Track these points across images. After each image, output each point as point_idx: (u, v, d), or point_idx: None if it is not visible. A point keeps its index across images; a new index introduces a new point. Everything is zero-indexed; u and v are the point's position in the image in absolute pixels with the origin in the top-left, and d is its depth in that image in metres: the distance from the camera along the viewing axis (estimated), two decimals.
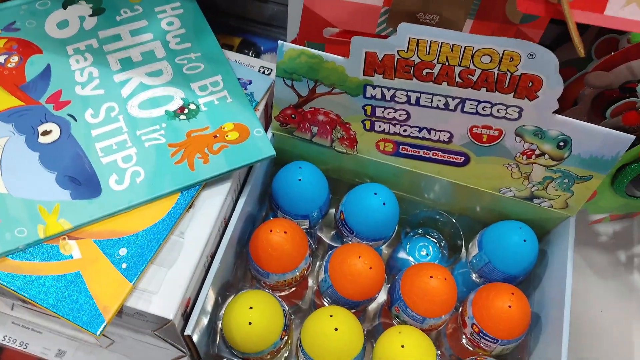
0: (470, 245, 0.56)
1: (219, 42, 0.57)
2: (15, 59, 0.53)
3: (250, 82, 0.55)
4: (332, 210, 0.59)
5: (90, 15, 0.56)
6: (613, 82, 0.55)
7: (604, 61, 0.55)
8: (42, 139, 0.49)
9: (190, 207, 0.48)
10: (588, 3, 0.41)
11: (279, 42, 0.48)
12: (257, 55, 0.73)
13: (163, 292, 0.44)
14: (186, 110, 0.51)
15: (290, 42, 0.56)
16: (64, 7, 0.57)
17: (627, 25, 0.41)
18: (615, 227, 0.69)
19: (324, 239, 0.60)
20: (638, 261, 0.68)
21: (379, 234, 0.54)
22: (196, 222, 0.48)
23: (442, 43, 0.44)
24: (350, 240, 0.55)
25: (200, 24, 0.57)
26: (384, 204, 0.52)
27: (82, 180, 0.47)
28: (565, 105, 0.61)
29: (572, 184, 0.50)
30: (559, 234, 0.54)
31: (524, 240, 0.51)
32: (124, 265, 0.44)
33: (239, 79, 0.54)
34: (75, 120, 0.50)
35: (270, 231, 0.50)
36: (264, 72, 0.57)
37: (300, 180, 0.52)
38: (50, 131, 0.49)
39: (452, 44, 0.44)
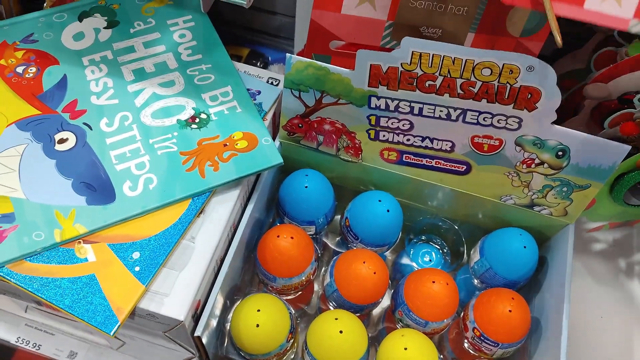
0: (472, 252, 0.58)
1: (228, 53, 0.59)
2: (33, 69, 0.55)
3: (259, 92, 0.57)
4: (338, 217, 0.60)
5: (105, 28, 0.58)
6: (612, 93, 0.57)
7: (603, 73, 0.56)
8: (59, 147, 0.51)
9: (200, 212, 0.50)
10: None
11: (287, 54, 0.50)
12: (265, 65, 0.75)
13: (174, 294, 0.46)
14: (197, 120, 0.53)
15: (297, 54, 0.58)
16: (80, 20, 0.59)
17: (604, 19, 0.41)
18: (616, 235, 0.70)
19: (330, 245, 0.62)
20: (638, 269, 0.69)
21: (383, 240, 0.55)
22: (206, 227, 0.50)
23: (444, 56, 0.46)
24: (355, 246, 0.56)
25: (211, 36, 0.59)
26: (387, 210, 0.53)
27: (97, 187, 0.49)
28: (566, 116, 0.62)
29: (570, 192, 0.52)
30: (558, 241, 0.55)
31: (524, 247, 0.53)
32: (137, 268, 0.46)
33: (248, 90, 0.56)
34: (91, 128, 0.52)
35: (278, 236, 0.51)
36: (272, 83, 0.58)
37: (306, 187, 0.54)
38: (67, 139, 0.51)
39: (454, 57, 0.45)
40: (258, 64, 0.74)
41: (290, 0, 0.68)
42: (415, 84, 0.48)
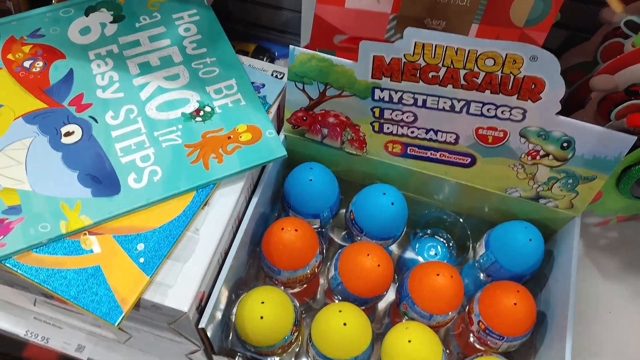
0: (477, 245, 0.57)
1: (235, 48, 0.59)
2: (40, 64, 0.55)
3: (263, 85, 0.57)
4: (343, 211, 0.60)
5: (110, 22, 0.59)
6: (618, 85, 0.56)
7: (609, 65, 0.56)
8: (65, 140, 0.51)
9: (205, 204, 0.50)
10: None
11: (291, 46, 0.50)
12: (272, 60, 0.75)
13: (178, 285, 0.46)
14: (202, 113, 0.53)
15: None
16: (86, 15, 0.60)
17: None
18: (625, 230, 0.70)
19: (335, 239, 0.62)
20: None
21: (388, 233, 0.55)
22: (211, 220, 0.50)
23: (446, 47, 0.46)
24: (359, 239, 0.56)
25: (216, 30, 0.59)
26: (392, 203, 0.53)
27: (102, 179, 0.49)
28: (573, 109, 0.62)
29: (576, 185, 0.51)
30: (564, 234, 0.55)
31: (530, 240, 0.52)
32: (141, 260, 0.46)
33: (252, 83, 0.56)
34: (96, 121, 0.52)
35: (282, 229, 0.51)
36: (276, 76, 0.59)
37: (311, 180, 0.54)
38: (73, 132, 0.51)
39: (457, 48, 0.45)
40: (264, 60, 0.74)
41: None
42: (418, 75, 0.48)
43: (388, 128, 0.53)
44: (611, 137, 0.47)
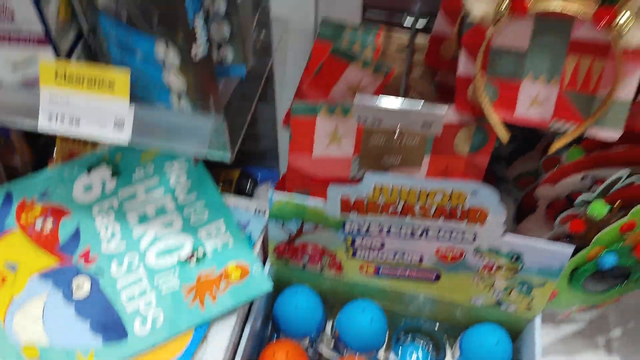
0: (453, 348, 0.63)
1: (220, 176, 0.66)
2: (50, 222, 0.63)
3: (248, 223, 0.64)
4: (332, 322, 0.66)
5: (110, 178, 0.66)
6: (559, 194, 0.64)
7: (550, 176, 0.64)
8: (76, 294, 0.58)
9: (204, 339, 0.56)
10: (503, 105, 0.54)
11: (270, 192, 0.57)
12: (255, 184, 0.82)
13: None
14: (195, 257, 0.60)
15: (282, 175, 0.65)
16: (89, 171, 0.67)
17: (530, 122, 0.54)
18: (592, 313, 0.75)
19: (325, 350, 0.68)
20: (617, 344, 0.73)
21: (370, 346, 0.61)
22: (210, 352, 0.56)
23: (401, 187, 0.53)
24: (346, 352, 0.62)
25: (203, 176, 0.67)
26: (371, 320, 0.60)
27: (112, 327, 0.55)
28: (526, 212, 0.69)
29: (530, 290, 0.58)
30: (527, 333, 0.61)
31: (496, 343, 0.58)
32: None
33: (238, 222, 0.63)
34: (103, 273, 0.59)
35: (274, 355, 0.58)
36: (259, 212, 0.66)
37: (296, 307, 0.61)
38: (83, 286, 0.58)
39: (409, 189, 0.53)
40: (249, 184, 0.81)
41: (273, 130, 0.78)
42: (380, 210, 0.55)
43: (360, 253, 0.60)
44: (551, 251, 0.54)
